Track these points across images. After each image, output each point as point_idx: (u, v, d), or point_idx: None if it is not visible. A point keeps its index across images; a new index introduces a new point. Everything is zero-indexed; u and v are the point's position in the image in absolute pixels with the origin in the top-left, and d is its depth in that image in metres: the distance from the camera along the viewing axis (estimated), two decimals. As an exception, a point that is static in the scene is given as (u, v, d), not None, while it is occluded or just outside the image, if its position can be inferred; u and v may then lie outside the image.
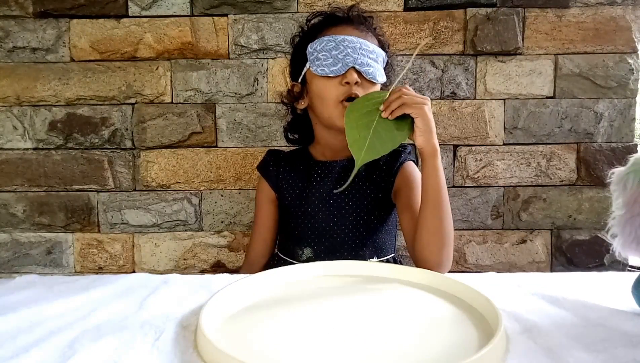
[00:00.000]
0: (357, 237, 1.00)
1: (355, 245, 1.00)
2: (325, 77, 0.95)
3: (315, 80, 0.98)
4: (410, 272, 0.76)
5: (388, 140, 0.80)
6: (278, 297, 0.70)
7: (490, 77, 1.42)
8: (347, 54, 0.93)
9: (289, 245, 1.05)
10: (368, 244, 1.01)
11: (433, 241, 0.86)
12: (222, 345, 0.49)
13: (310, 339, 0.55)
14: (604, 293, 0.71)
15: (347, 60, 0.93)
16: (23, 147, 1.46)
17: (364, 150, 0.77)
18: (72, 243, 1.48)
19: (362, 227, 1.00)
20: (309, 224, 1.02)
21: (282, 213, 1.09)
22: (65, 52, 1.44)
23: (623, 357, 0.50)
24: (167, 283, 0.78)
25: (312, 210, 1.01)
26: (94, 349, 0.53)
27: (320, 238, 1.01)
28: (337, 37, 0.94)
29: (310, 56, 0.96)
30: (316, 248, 1.01)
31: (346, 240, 1.00)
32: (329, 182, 1.01)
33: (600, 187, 1.43)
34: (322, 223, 1.01)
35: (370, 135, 0.79)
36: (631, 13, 1.39)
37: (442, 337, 0.56)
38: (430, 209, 0.87)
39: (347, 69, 0.93)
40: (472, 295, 0.65)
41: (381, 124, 0.81)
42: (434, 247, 0.86)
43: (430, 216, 0.87)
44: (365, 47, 0.95)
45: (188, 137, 1.45)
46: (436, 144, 0.86)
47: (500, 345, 0.51)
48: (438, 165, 0.87)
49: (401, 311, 0.64)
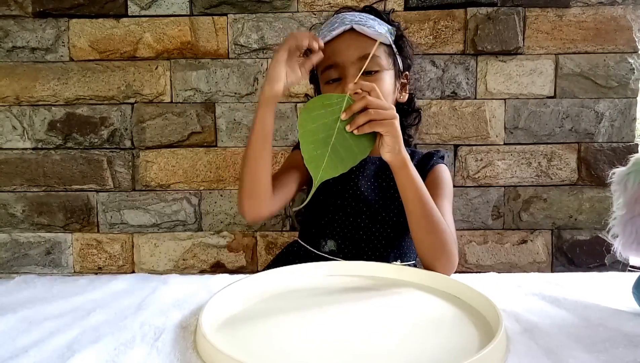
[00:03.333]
0: (384, 238, 0.99)
1: (380, 246, 0.99)
2: (330, 87, 0.94)
3: (323, 89, 0.98)
4: (411, 273, 0.76)
5: (348, 158, 0.73)
6: (278, 297, 0.69)
7: (491, 76, 1.42)
8: (345, 18, 0.94)
9: (313, 234, 1.03)
10: (393, 247, 0.99)
11: (428, 253, 0.83)
12: (221, 346, 0.49)
13: (310, 339, 0.55)
14: (604, 294, 0.71)
15: (345, 21, 0.93)
16: (22, 147, 1.46)
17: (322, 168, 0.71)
18: (72, 244, 1.48)
19: (390, 229, 0.99)
20: (337, 217, 1.00)
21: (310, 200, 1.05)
22: (64, 51, 1.44)
23: (624, 357, 0.50)
24: (166, 283, 0.78)
25: (342, 203, 1.00)
26: (93, 349, 0.52)
27: (347, 233, 0.99)
28: (340, 14, 0.97)
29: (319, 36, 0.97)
30: (340, 242, 0.99)
31: (372, 239, 0.99)
32: (362, 179, 1.00)
33: (601, 187, 1.43)
34: (350, 218, 0.99)
35: (329, 153, 0.72)
36: (632, 12, 1.39)
37: (443, 337, 0.56)
38: (416, 222, 0.83)
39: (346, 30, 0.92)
40: (473, 295, 0.65)
41: (340, 140, 0.73)
42: (429, 258, 0.83)
43: (418, 230, 0.84)
44: (365, 15, 0.96)
45: (187, 136, 1.45)
46: (405, 155, 0.80)
47: (501, 346, 0.51)
48: (412, 175, 0.81)
49: (402, 311, 0.64)
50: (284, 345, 0.54)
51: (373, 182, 1.00)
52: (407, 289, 0.72)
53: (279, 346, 0.54)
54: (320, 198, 1.01)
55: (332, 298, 0.69)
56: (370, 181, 1.00)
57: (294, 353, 0.52)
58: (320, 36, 0.93)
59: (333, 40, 0.92)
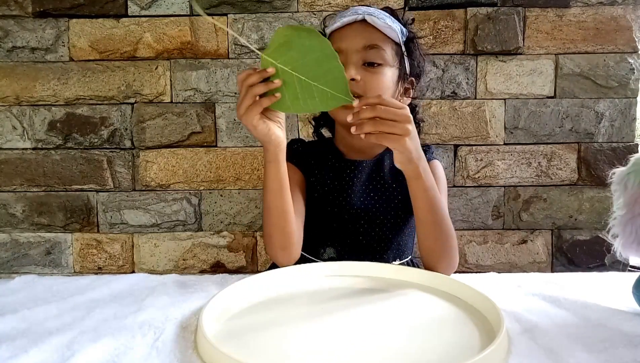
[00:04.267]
0: (383, 239, 0.98)
1: (380, 248, 0.98)
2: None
3: None
4: (412, 273, 0.76)
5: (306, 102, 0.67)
6: (279, 297, 0.69)
7: (491, 76, 1.42)
8: (359, 8, 0.92)
9: (311, 243, 1.01)
10: (392, 247, 0.99)
11: (432, 255, 0.84)
12: (221, 346, 0.49)
13: (311, 339, 0.55)
14: (604, 294, 0.71)
15: (358, 11, 0.91)
16: (22, 147, 1.46)
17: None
18: (72, 244, 1.48)
19: (388, 230, 0.98)
20: (334, 225, 0.98)
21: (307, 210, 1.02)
22: (64, 51, 1.44)
23: (623, 357, 0.50)
24: (166, 283, 0.78)
25: (338, 211, 0.98)
26: (93, 350, 0.52)
27: (345, 239, 0.98)
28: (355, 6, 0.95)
29: (327, 28, 0.95)
30: (340, 249, 0.98)
31: (371, 243, 0.98)
32: (358, 182, 1.00)
33: (601, 187, 1.43)
34: (348, 224, 0.98)
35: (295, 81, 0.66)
36: (632, 13, 1.39)
37: (444, 338, 0.56)
38: (426, 230, 0.83)
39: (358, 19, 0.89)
40: (474, 296, 0.65)
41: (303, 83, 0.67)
42: (432, 259, 0.84)
43: (427, 237, 0.83)
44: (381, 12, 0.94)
45: (187, 136, 1.45)
46: (419, 164, 0.77)
47: (503, 346, 0.51)
48: (425, 185, 0.79)
49: (403, 312, 0.64)
50: (285, 345, 0.54)
51: (368, 186, 0.99)
52: (408, 290, 0.72)
53: (279, 346, 0.53)
54: (317, 205, 1.00)
55: (332, 298, 0.69)
56: (364, 185, 0.99)
57: (295, 353, 0.52)
58: (330, 25, 0.91)
59: (342, 28, 0.90)
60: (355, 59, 0.88)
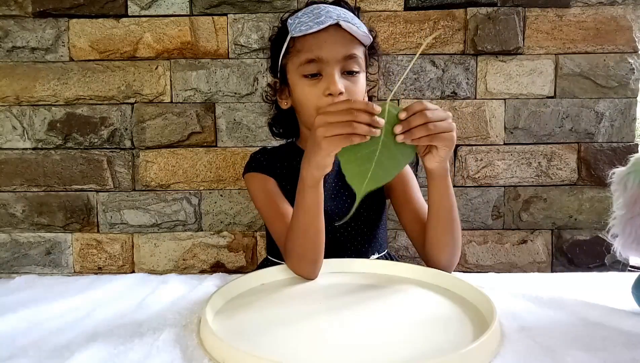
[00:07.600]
0: (359, 234, 1.00)
1: (357, 242, 1.00)
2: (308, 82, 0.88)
3: (297, 84, 0.91)
4: (407, 269, 0.78)
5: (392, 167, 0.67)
6: (278, 295, 0.70)
7: (491, 76, 1.42)
8: (329, 11, 0.87)
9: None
10: (370, 241, 1.01)
11: (445, 252, 0.84)
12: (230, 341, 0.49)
13: (310, 333, 0.55)
14: (604, 293, 0.71)
15: (330, 14, 0.86)
16: (22, 147, 1.46)
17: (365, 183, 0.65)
18: (72, 244, 1.48)
19: (364, 224, 1.00)
20: None
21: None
22: (64, 51, 1.44)
23: (622, 356, 0.50)
24: (166, 283, 0.78)
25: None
26: (93, 349, 0.52)
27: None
28: (320, 5, 0.89)
29: (292, 25, 0.89)
30: None
31: (349, 238, 0.99)
32: (328, 179, 1.00)
33: (601, 187, 1.43)
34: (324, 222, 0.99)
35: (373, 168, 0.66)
36: (632, 13, 1.39)
37: (438, 332, 0.57)
38: (442, 227, 0.84)
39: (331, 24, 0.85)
40: (470, 291, 0.66)
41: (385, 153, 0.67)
42: (444, 257, 0.84)
43: (442, 233, 0.84)
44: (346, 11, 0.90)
45: (187, 136, 1.45)
46: (448, 164, 0.78)
47: (494, 338, 0.52)
48: (449, 184, 0.80)
49: (401, 308, 0.64)
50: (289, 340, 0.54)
51: (337, 182, 1.00)
52: (404, 285, 0.73)
53: (284, 341, 0.54)
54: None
55: (330, 294, 0.70)
56: (334, 183, 1.00)
57: (297, 346, 0.52)
58: (301, 24, 0.87)
59: (317, 33, 0.86)
60: (337, 69, 0.86)
